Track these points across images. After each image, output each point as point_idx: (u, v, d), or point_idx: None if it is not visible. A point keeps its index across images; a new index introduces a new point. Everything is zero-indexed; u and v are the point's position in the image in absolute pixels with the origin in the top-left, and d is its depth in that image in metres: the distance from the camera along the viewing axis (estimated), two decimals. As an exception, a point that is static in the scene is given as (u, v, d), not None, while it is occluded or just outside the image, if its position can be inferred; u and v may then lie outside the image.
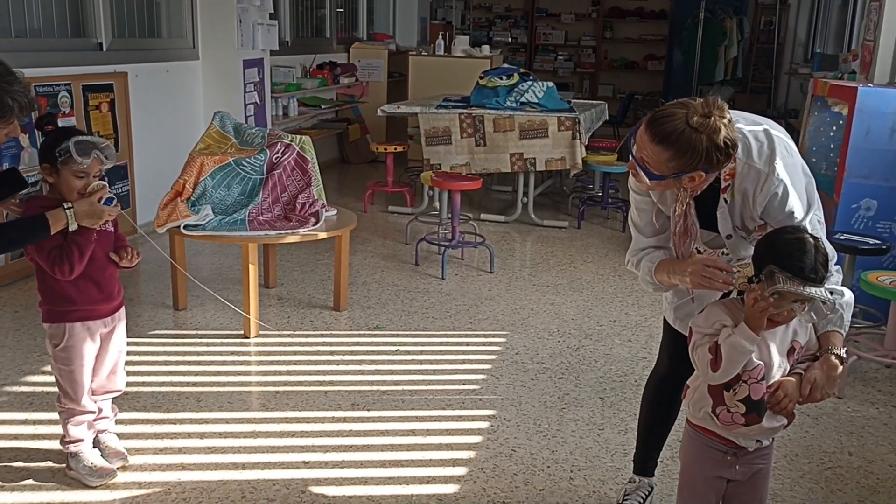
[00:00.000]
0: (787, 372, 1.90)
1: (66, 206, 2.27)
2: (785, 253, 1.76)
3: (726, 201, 2.00)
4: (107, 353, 2.55)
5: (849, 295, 1.93)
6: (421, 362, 3.60)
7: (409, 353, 3.70)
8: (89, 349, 2.47)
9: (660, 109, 1.88)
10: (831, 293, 1.81)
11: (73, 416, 2.53)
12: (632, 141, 1.95)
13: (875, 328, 3.84)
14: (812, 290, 1.74)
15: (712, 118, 1.80)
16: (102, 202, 2.31)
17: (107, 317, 2.50)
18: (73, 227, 2.28)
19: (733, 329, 1.82)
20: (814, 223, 1.98)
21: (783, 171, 1.92)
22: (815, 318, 1.84)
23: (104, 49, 5.11)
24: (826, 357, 1.88)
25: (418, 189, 6.58)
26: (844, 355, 1.91)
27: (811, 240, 1.79)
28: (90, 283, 2.42)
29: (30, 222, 2.26)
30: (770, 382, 1.86)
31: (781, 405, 1.85)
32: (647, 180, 1.92)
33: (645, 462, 2.52)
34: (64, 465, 2.58)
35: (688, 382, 2.03)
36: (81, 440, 2.55)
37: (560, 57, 12.51)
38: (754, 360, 1.84)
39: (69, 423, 2.53)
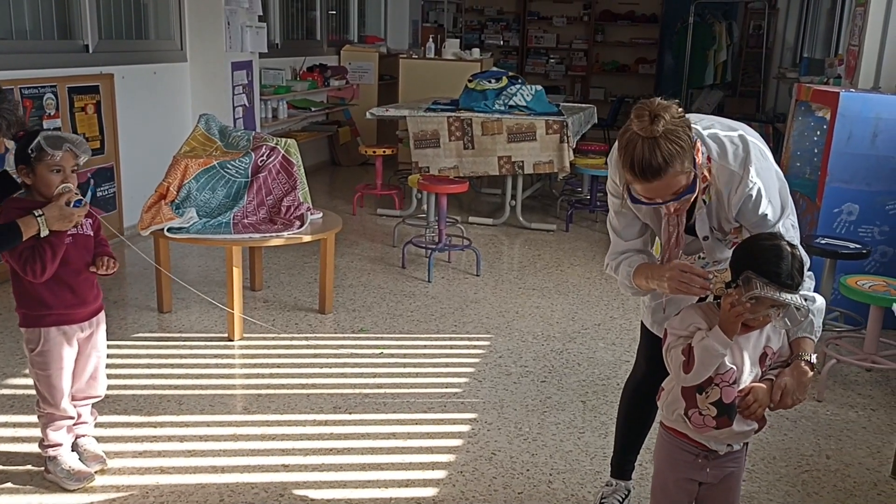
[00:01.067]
0: (758, 377, 1.92)
1: (36, 214, 2.28)
2: (762, 259, 1.79)
3: (705, 202, 2.02)
4: (86, 358, 2.55)
5: (820, 301, 1.96)
6: (404, 365, 3.60)
7: (392, 356, 3.70)
8: (67, 354, 2.46)
9: (636, 155, 1.78)
10: (805, 299, 1.83)
11: (53, 421, 2.53)
12: (621, 181, 1.92)
13: (855, 332, 3.86)
14: (788, 297, 1.76)
15: (658, 119, 1.76)
16: (71, 205, 2.32)
17: (84, 321, 2.50)
18: (44, 232, 2.30)
19: (707, 332, 1.84)
20: (787, 227, 2.00)
21: (757, 174, 1.95)
22: (789, 324, 1.86)
23: (90, 51, 5.10)
24: (797, 363, 1.90)
25: (407, 192, 6.58)
26: (815, 361, 1.92)
27: (788, 247, 1.82)
28: (64, 288, 2.42)
29: (1, 230, 2.27)
30: (741, 387, 1.88)
31: (751, 410, 1.87)
32: (676, 202, 1.87)
33: (622, 465, 2.53)
34: (42, 468, 2.58)
35: (663, 385, 2.04)
36: (60, 444, 2.55)
37: (552, 60, 12.55)
38: (727, 363, 1.86)
39: (48, 428, 2.53)
